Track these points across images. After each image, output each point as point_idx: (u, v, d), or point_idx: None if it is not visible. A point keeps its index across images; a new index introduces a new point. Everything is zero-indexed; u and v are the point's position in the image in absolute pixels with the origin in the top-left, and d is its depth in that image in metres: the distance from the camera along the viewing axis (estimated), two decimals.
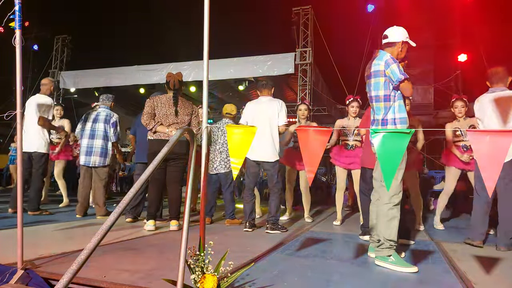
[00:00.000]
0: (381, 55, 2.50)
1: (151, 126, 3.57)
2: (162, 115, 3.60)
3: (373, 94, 2.54)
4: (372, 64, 2.54)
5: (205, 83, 1.78)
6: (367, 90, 2.65)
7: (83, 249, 1.03)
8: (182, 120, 3.66)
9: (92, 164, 4.40)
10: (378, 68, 2.47)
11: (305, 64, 8.59)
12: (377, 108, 2.54)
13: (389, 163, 1.71)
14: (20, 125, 1.96)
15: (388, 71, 2.41)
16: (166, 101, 3.64)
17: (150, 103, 3.62)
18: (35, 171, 4.35)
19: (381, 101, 2.49)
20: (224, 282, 1.57)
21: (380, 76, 2.47)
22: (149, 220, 3.55)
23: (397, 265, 2.30)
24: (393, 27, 2.60)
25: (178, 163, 3.66)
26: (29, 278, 1.73)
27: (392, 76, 2.40)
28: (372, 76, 2.53)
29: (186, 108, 3.71)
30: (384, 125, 2.47)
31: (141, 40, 13.08)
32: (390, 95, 2.46)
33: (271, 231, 3.60)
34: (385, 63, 2.43)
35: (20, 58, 1.90)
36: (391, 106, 2.46)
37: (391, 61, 2.41)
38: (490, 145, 1.48)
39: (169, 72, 3.80)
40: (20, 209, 1.91)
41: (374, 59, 2.55)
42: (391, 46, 2.56)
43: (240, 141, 1.75)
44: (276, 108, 3.73)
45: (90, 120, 4.49)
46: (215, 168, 4.28)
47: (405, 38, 2.56)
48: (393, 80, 2.40)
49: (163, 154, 1.35)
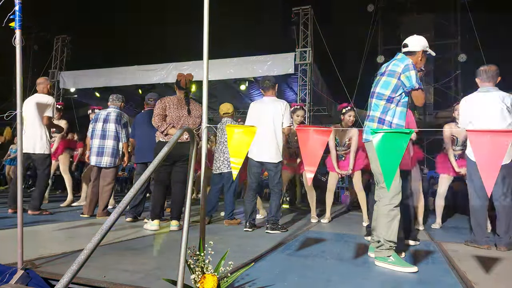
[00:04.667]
0: (403, 58, 2.51)
1: (163, 128, 3.49)
2: (174, 116, 3.53)
3: (378, 91, 2.52)
4: (391, 63, 2.54)
5: (205, 83, 1.78)
6: (374, 85, 2.64)
7: (83, 249, 1.03)
8: (194, 121, 3.60)
9: (104, 164, 4.39)
10: (395, 69, 2.46)
11: (305, 64, 8.59)
12: (375, 105, 2.53)
13: (389, 163, 1.71)
14: (20, 125, 1.95)
15: (404, 75, 2.41)
16: (177, 102, 3.57)
17: (161, 105, 3.53)
18: (41, 172, 4.34)
19: (382, 100, 2.49)
20: (224, 282, 1.57)
21: (394, 77, 2.46)
22: (154, 220, 3.53)
23: (397, 265, 2.30)
24: (413, 36, 2.62)
25: (185, 164, 3.63)
26: (29, 278, 1.73)
27: (406, 81, 2.40)
28: (386, 74, 2.52)
29: (197, 110, 3.68)
30: (380, 124, 2.47)
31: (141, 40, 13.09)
32: (394, 98, 2.46)
33: (271, 231, 3.60)
34: (404, 67, 2.43)
35: (20, 58, 1.90)
36: (391, 109, 2.46)
37: (411, 67, 2.42)
38: (490, 145, 1.48)
39: (179, 72, 3.75)
40: (20, 209, 1.90)
41: (394, 59, 2.55)
42: (410, 55, 2.57)
43: (240, 141, 1.75)
44: (280, 109, 3.72)
45: (101, 120, 4.45)
46: (218, 168, 4.27)
47: (424, 48, 2.58)
48: (406, 85, 2.41)
49: (164, 154, 1.35)
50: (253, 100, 5.17)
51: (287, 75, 8.71)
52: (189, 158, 1.61)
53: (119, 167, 4.65)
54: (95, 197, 4.46)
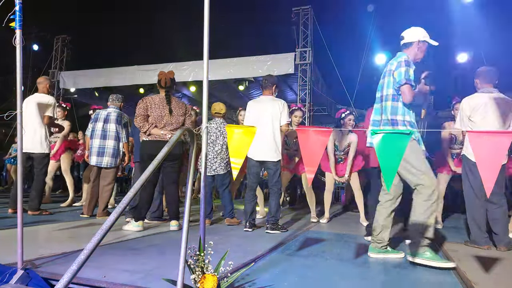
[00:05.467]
0: (398, 56, 2.56)
1: (145, 129, 3.48)
2: (156, 116, 3.51)
3: (384, 93, 2.59)
4: (388, 63, 2.60)
5: (205, 83, 1.78)
6: (378, 90, 2.69)
7: (83, 249, 1.03)
8: (176, 120, 3.59)
9: (104, 164, 4.39)
10: (391, 68, 2.54)
11: (305, 64, 8.59)
12: (385, 107, 2.57)
13: (389, 163, 1.71)
14: (20, 125, 1.96)
15: (396, 72, 2.47)
16: (159, 101, 3.55)
17: (142, 105, 3.53)
18: (38, 171, 4.35)
19: (388, 100, 2.54)
20: (224, 282, 1.57)
21: (391, 75, 2.53)
22: (138, 221, 3.48)
23: (434, 261, 2.29)
24: (410, 28, 2.63)
25: (174, 164, 3.62)
26: (29, 278, 1.73)
27: (397, 77, 2.46)
28: (386, 74, 2.58)
29: (180, 108, 3.65)
30: (394, 125, 2.50)
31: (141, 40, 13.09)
32: (396, 95, 2.51)
33: (271, 231, 3.60)
34: (397, 63, 2.48)
35: (20, 58, 1.90)
36: (399, 107, 2.51)
37: (403, 63, 2.45)
38: (489, 146, 1.48)
39: (161, 70, 3.73)
40: (20, 209, 1.91)
41: (392, 59, 2.61)
42: (407, 47, 2.59)
43: (240, 141, 1.75)
44: (278, 108, 3.72)
45: (101, 120, 4.44)
46: (213, 170, 4.25)
47: (421, 38, 2.57)
48: (395, 82, 2.47)
49: (164, 154, 1.35)
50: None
51: (287, 75, 8.71)
52: (189, 158, 1.61)
53: (119, 167, 4.65)
54: (95, 197, 4.46)
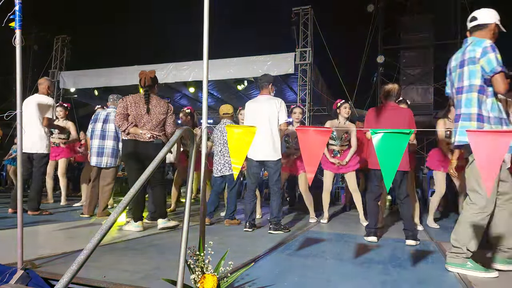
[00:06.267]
0: (479, 41, 2.22)
1: (124, 127, 3.47)
2: (135, 115, 3.51)
3: (467, 84, 2.26)
4: (466, 50, 2.28)
5: (205, 83, 1.78)
6: (452, 81, 2.41)
7: (83, 249, 1.03)
8: (156, 118, 3.56)
9: (104, 164, 4.39)
10: (474, 55, 2.20)
11: (305, 64, 8.59)
12: (467, 100, 2.25)
13: (389, 163, 1.71)
14: (20, 125, 1.96)
15: (483, 60, 2.16)
16: (138, 100, 3.55)
17: (122, 104, 3.52)
18: (36, 171, 4.36)
19: (475, 91, 2.21)
20: (224, 282, 1.57)
21: (476, 63, 2.19)
22: (138, 221, 3.50)
23: (476, 271, 2.20)
24: (481, 9, 2.32)
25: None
26: (29, 278, 1.73)
27: (486, 65, 2.14)
28: (466, 63, 2.26)
29: (161, 107, 3.62)
30: (480, 121, 2.19)
31: (141, 40, 13.09)
32: (485, 88, 2.20)
33: (274, 231, 3.60)
34: (482, 50, 2.17)
35: (20, 58, 1.90)
36: (485, 102, 2.21)
37: (490, 49, 2.14)
38: (489, 145, 1.48)
39: (142, 70, 3.71)
40: (20, 209, 1.91)
41: (468, 45, 2.30)
42: (482, 28, 2.28)
43: (240, 141, 1.75)
44: (275, 107, 3.72)
45: (100, 120, 4.45)
46: (219, 171, 4.24)
47: (497, 21, 2.29)
48: (486, 71, 2.15)
49: (164, 154, 1.35)
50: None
51: (287, 75, 8.70)
52: (189, 158, 1.61)
53: (119, 167, 4.65)
54: (95, 197, 4.46)
